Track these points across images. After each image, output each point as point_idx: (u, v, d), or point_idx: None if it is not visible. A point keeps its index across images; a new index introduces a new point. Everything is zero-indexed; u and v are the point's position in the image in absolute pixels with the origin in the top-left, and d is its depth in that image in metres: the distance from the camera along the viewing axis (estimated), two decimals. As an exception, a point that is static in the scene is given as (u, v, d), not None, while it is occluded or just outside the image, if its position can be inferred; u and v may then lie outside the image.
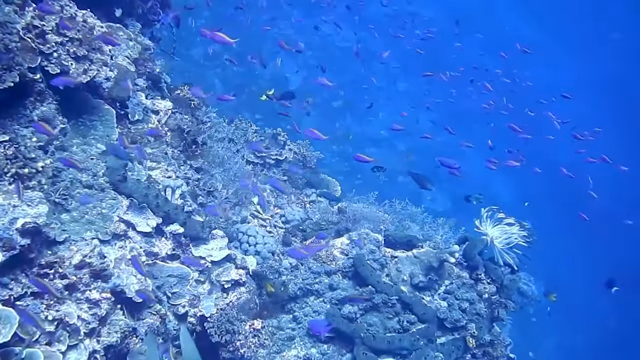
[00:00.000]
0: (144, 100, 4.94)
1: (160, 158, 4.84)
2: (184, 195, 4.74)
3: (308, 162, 7.13)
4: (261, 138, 6.88)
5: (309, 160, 7.14)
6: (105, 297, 3.88)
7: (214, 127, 5.49)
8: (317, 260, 5.33)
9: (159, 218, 4.41)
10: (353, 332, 4.96)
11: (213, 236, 4.77)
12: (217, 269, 4.67)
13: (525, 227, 5.61)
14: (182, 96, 5.26)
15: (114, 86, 4.55)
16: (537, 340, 17.41)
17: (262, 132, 7.05)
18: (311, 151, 7.23)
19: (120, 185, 4.30)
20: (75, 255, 3.88)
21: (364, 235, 5.42)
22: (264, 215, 5.91)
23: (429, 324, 5.19)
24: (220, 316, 4.42)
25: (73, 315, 3.68)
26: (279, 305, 5.16)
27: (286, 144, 7.09)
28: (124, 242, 4.25)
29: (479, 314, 5.37)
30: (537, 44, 19.77)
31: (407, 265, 5.45)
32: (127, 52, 4.95)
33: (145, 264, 4.24)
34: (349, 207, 5.95)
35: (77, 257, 3.87)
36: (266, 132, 7.08)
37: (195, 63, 16.61)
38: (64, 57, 4.02)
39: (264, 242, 5.29)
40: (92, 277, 3.86)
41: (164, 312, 4.31)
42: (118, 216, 4.22)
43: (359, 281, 5.23)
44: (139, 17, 5.38)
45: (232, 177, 5.22)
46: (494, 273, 5.57)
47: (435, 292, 5.45)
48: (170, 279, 4.37)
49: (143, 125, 4.86)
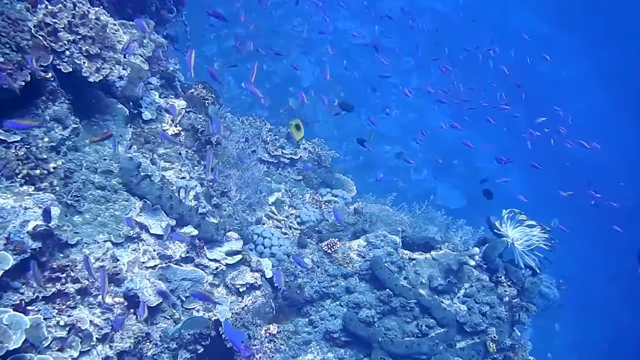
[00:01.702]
0: (158, 99, 4.84)
1: (174, 158, 4.75)
2: (198, 196, 4.64)
3: (323, 161, 7.01)
4: (275, 137, 6.76)
5: (324, 160, 7.02)
6: (118, 301, 3.80)
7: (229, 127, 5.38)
8: (334, 262, 5.22)
9: (172, 220, 4.31)
10: (371, 336, 4.85)
11: (228, 238, 4.66)
12: (232, 271, 4.57)
13: (547, 230, 5.46)
14: (196, 95, 5.15)
15: (127, 85, 4.46)
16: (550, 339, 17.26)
17: (276, 130, 6.94)
18: (326, 150, 7.11)
19: (133, 187, 4.21)
20: (88, 258, 3.79)
21: (381, 237, 5.30)
22: (279, 217, 5.80)
23: (448, 328, 5.07)
24: (236, 321, 4.32)
25: (85, 320, 3.60)
26: (295, 308, 5.05)
27: (301, 143, 6.97)
28: (137, 244, 4.15)
29: (499, 317, 5.24)
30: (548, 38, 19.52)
31: (426, 268, 5.32)
32: (141, 50, 4.86)
33: (158, 267, 4.14)
34: (365, 208, 5.83)
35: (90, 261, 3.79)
36: (281, 131, 6.96)
37: (208, 60, 16.54)
38: (76, 55, 3.93)
39: (280, 244, 5.19)
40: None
41: (177, 317, 4.21)
42: (131, 218, 4.13)
43: (376, 284, 5.11)
44: (152, 15, 5.28)
45: (247, 179, 5.11)
46: (514, 275, 5.43)
47: (454, 296, 5.32)
48: (184, 283, 4.27)
49: (157, 125, 4.77)
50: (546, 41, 19.50)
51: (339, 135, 16.32)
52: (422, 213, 6.15)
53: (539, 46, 18.29)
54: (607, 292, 20.38)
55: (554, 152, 17.81)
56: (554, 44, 20.77)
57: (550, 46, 19.69)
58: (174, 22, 5.57)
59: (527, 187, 19.17)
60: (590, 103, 21.69)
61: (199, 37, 15.76)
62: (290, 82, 16.74)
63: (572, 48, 21.47)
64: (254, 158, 5.72)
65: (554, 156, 18.35)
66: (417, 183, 17.02)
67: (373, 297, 5.05)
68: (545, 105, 15.25)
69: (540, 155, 17.10)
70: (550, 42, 20.26)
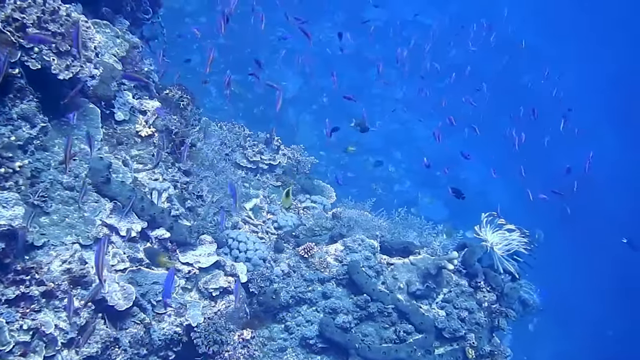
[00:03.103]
0: (131, 100, 4.75)
1: (147, 160, 4.65)
2: (171, 198, 4.55)
3: (302, 167, 6.94)
4: (254, 142, 6.68)
5: (303, 166, 6.95)
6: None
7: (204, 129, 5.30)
8: (311, 267, 5.13)
9: (144, 222, 4.21)
10: (348, 342, 4.76)
11: (201, 242, 4.57)
12: (205, 275, 4.47)
13: (526, 234, 5.42)
14: (171, 96, 5.06)
15: (100, 84, 4.37)
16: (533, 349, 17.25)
17: (255, 136, 6.86)
18: (305, 156, 7.04)
19: (103, 188, 4.10)
20: (54, 260, 3.68)
21: (359, 241, 5.22)
22: (256, 221, 5.71)
23: (426, 334, 4.98)
24: (208, 326, 4.22)
25: (50, 324, 3.48)
26: (271, 314, 4.95)
27: (280, 149, 6.90)
28: (107, 247, 4.04)
29: (478, 323, 5.17)
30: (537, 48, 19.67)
31: (404, 273, 5.25)
32: (114, 49, 4.77)
33: (128, 270, 4.03)
34: (343, 213, 5.75)
35: (56, 263, 3.69)
36: (260, 137, 6.89)
37: (191, 70, 16.44)
38: (45, 52, 3.84)
39: (255, 249, 5.09)
40: (72, 284, 3.66)
41: (148, 321, 4.10)
42: (101, 220, 4.02)
43: (353, 289, 5.02)
44: (127, 15, 5.19)
45: (221, 182, 5.01)
46: (494, 281, 5.37)
47: (433, 301, 5.24)
48: (156, 287, 4.16)
49: (130, 126, 4.67)
50: (535, 51, 19.63)
51: (321, 144, 16.28)
52: (401, 219, 6.07)
53: (529, 56, 18.45)
54: (591, 304, 20.45)
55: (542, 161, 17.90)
56: (543, 53, 20.91)
57: (540, 56, 19.85)
58: (149, 23, 5.49)
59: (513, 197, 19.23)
60: (580, 113, 21.90)
61: (182, 47, 15.69)
62: (273, 93, 16.69)
63: (560, 58, 21.65)
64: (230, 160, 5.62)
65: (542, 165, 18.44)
66: (399, 194, 16.99)
67: (350, 303, 4.96)
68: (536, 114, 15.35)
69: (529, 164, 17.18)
70: (539, 52, 20.40)
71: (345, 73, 17.37)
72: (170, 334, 4.15)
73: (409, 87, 18.86)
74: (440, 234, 5.97)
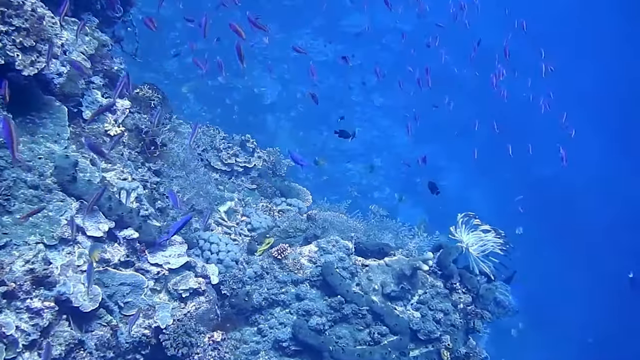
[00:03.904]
0: (100, 99, 4.65)
1: (116, 159, 4.55)
2: (140, 198, 4.45)
3: (278, 170, 6.87)
4: (229, 145, 6.61)
5: (279, 169, 6.89)
6: (49, 305, 3.57)
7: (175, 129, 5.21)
8: (284, 268, 5.05)
9: (111, 222, 4.11)
10: (321, 345, 4.68)
11: (171, 242, 4.47)
12: (175, 277, 4.37)
13: (502, 235, 5.40)
14: (141, 95, 4.97)
15: (67, 82, 4.28)
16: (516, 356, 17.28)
17: (230, 138, 6.79)
18: (281, 159, 6.97)
19: (69, 186, 4.00)
20: (17, 260, 3.57)
21: (333, 242, 5.16)
22: (229, 223, 5.62)
23: (401, 336, 4.93)
24: (177, 327, 4.12)
25: (11, 325, 3.37)
26: (243, 316, 4.86)
27: (255, 151, 6.83)
28: (73, 247, 3.93)
29: (453, 325, 5.12)
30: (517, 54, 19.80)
31: (379, 274, 5.19)
32: (83, 47, 4.67)
33: (95, 270, 3.92)
34: (318, 215, 5.69)
35: (19, 263, 3.57)
36: (235, 139, 6.81)
37: (168, 76, 16.34)
38: (9, 47, 3.74)
39: (227, 250, 5.00)
40: (34, 284, 3.55)
41: (115, 324, 3.99)
42: (66, 219, 3.92)
43: (327, 290, 4.95)
44: (97, 13, 5.10)
45: (192, 182, 4.93)
46: (469, 282, 5.34)
47: (408, 302, 5.19)
48: (123, 288, 4.06)
49: (98, 125, 4.58)
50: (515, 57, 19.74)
51: (301, 152, 16.20)
52: (377, 221, 6.03)
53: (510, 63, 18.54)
54: (571, 312, 20.56)
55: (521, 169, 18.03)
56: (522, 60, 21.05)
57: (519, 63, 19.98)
58: (120, 22, 5.40)
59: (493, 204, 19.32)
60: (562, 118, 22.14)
61: (160, 53, 15.60)
62: (252, 99, 16.66)
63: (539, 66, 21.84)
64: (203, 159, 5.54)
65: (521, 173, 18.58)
66: (379, 201, 16.97)
67: (324, 304, 4.89)
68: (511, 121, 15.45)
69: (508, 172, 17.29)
70: (519, 58, 20.52)
71: (324, 80, 17.36)
72: (138, 336, 4.05)
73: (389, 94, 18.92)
74: (416, 236, 5.93)
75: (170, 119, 5.14)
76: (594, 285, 20.75)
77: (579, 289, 20.63)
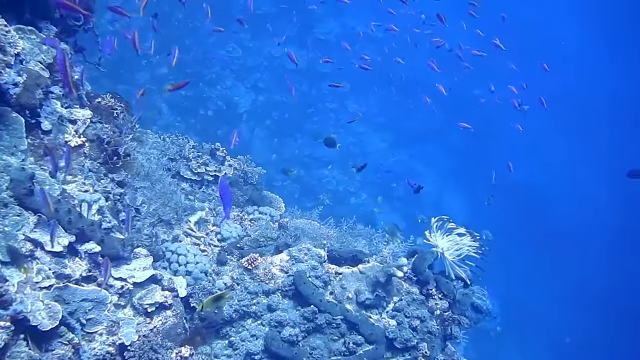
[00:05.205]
0: (59, 109, 4.49)
1: (77, 171, 4.39)
2: (102, 210, 4.29)
3: (249, 178, 6.73)
4: (199, 154, 6.46)
5: (250, 177, 6.75)
6: (4, 325, 3.39)
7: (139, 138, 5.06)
8: (255, 279, 4.92)
9: (71, 236, 3.94)
10: (295, 356, 4.56)
11: (136, 255, 4.32)
12: (140, 291, 4.21)
13: (477, 238, 5.34)
14: (103, 104, 4.82)
15: (23, 92, 4.12)
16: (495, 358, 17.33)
17: (199, 147, 6.64)
18: (252, 167, 6.84)
19: (26, 200, 3.83)
20: (-30, 279, 3.40)
21: (305, 251, 5.04)
22: (199, 233, 5.48)
23: (377, 345, 4.82)
24: (143, 344, 3.97)
25: (-37, 347, 3.20)
26: (213, 329, 4.71)
27: (225, 160, 6.69)
28: (31, 263, 3.76)
29: (431, 332, 5.03)
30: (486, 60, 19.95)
31: (353, 282, 5.09)
32: (41, 56, 4.51)
33: (54, 287, 3.76)
34: (290, 223, 5.57)
35: (-28, 281, 3.40)
36: (204, 148, 6.67)
37: (141, 87, 16.10)
38: (-42, 56, 3.59)
39: (196, 262, 4.86)
40: (-11, 303, 3.38)
41: (77, 342, 3.82)
42: (24, 234, 3.75)
43: (300, 300, 4.83)
44: (56, 22, 4.93)
45: (158, 192, 4.78)
46: (445, 287, 5.26)
47: (383, 310, 5.09)
48: (85, 304, 3.89)
49: (57, 136, 4.41)
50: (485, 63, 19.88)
51: (277, 160, 16.11)
52: (349, 227, 5.92)
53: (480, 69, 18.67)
54: (548, 312, 20.69)
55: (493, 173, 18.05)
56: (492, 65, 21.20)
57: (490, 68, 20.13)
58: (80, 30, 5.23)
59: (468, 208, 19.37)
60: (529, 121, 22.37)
61: (131, 64, 15.36)
62: (227, 108, 16.49)
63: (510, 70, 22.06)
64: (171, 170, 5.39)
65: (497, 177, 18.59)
66: (355, 207, 16.90)
67: (297, 315, 4.76)
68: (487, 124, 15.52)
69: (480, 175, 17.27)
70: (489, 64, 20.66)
71: (298, 88, 17.27)
72: (102, 354, 3.89)
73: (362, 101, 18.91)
74: (390, 242, 5.83)
75: (133, 128, 4.98)
76: (567, 287, 20.97)
77: (553, 291, 20.81)
